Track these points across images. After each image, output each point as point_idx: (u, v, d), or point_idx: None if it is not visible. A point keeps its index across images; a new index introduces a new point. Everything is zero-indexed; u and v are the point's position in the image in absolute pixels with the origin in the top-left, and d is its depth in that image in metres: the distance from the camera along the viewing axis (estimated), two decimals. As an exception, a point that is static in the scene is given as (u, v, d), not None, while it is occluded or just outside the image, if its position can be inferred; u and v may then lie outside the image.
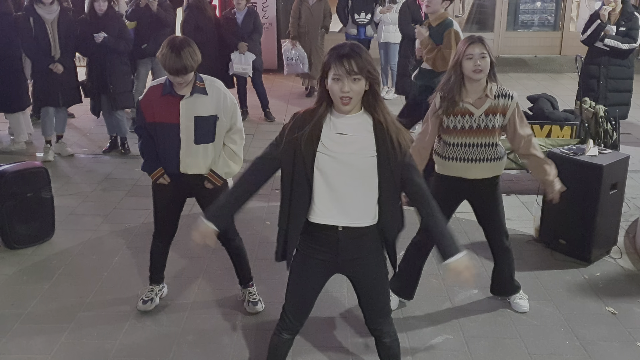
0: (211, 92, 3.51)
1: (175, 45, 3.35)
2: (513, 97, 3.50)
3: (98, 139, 7.47)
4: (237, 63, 8.07)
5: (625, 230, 5.06)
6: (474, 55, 3.38)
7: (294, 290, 2.82)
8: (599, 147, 4.82)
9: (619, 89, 6.71)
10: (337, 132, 2.51)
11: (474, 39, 3.43)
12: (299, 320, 2.84)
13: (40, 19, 6.31)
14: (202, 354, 3.55)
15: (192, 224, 3.76)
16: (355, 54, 2.40)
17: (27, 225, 4.74)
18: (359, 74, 2.40)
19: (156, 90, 3.54)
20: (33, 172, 4.82)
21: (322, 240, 2.65)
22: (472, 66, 3.39)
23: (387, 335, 2.90)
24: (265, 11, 11.16)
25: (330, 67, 2.42)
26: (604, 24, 6.49)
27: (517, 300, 3.95)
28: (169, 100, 3.48)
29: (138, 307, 3.91)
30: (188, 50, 3.36)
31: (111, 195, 5.85)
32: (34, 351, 3.55)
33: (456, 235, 2.72)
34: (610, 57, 6.61)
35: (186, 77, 3.41)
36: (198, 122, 3.49)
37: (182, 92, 3.48)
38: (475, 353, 3.57)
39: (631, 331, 3.79)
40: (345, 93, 2.41)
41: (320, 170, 2.53)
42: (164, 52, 3.37)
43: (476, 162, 3.55)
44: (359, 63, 2.39)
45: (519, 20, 12.46)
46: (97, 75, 6.66)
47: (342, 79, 2.40)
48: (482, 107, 3.48)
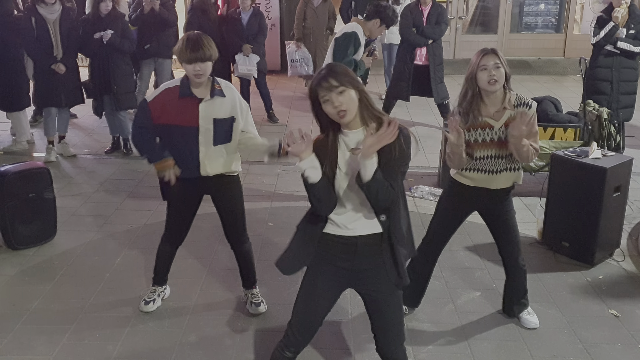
0: (228, 94, 3.51)
1: (192, 36, 3.41)
2: (532, 106, 3.43)
3: (101, 139, 7.47)
4: (241, 65, 8.07)
5: (628, 233, 5.04)
6: (487, 66, 3.33)
7: (304, 304, 2.76)
8: (603, 150, 4.81)
9: (628, 92, 6.69)
10: (349, 148, 2.57)
11: (487, 51, 3.38)
12: (304, 337, 2.78)
13: (42, 19, 6.32)
14: (204, 355, 3.55)
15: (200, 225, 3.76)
16: (329, 71, 2.50)
17: (29, 226, 4.74)
18: (341, 85, 2.46)
19: (172, 93, 3.47)
20: (35, 173, 4.82)
21: (338, 249, 2.66)
22: (487, 77, 3.33)
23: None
24: (269, 12, 11.16)
25: (317, 94, 2.49)
26: (617, 26, 6.45)
27: (526, 315, 3.87)
28: (187, 103, 3.43)
29: (140, 308, 3.91)
30: (206, 40, 3.39)
31: (113, 196, 5.85)
32: (36, 352, 3.55)
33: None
34: (622, 60, 6.57)
35: (204, 67, 3.36)
36: (217, 125, 3.47)
37: (201, 94, 3.45)
38: (477, 355, 3.56)
39: (634, 334, 3.77)
40: (338, 107, 2.47)
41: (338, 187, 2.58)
42: (180, 45, 3.36)
43: (498, 173, 3.51)
44: (336, 77, 2.47)
45: (522, 22, 12.45)
46: (99, 75, 6.67)
47: (330, 97, 2.47)
48: (502, 119, 3.43)
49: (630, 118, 6.86)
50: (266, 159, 3.66)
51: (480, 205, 3.69)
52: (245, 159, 6.63)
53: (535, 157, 3.48)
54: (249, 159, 5.40)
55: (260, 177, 6.26)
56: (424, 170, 6.45)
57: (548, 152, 5.45)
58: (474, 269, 4.52)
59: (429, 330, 3.80)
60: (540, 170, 5.65)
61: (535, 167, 5.66)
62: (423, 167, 6.52)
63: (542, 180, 5.23)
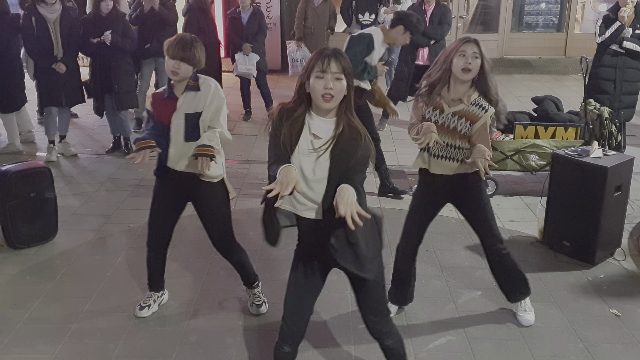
0: (203, 89, 3.49)
1: (187, 36, 3.46)
2: (487, 110, 3.37)
3: (101, 139, 7.48)
4: (241, 64, 8.07)
5: (629, 232, 5.04)
6: (466, 54, 3.31)
7: (291, 293, 2.81)
8: (604, 149, 4.81)
9: (631, 92, 6.68)
10: (311, 131, 2.59)
11: (469, 39, 3.37)
12: (297, 326, 2.80)
13: (43, 19, 6.32)
14: (205, 354, 3.55)
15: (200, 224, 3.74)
16: (336, 54, 2.52)
17: (30, 225, 4.75)
18: (341, 73, 2.49)
19: (158, 96, 3.58)
20: (36, 172, 4.82)
21: (309, 230, 2.69)
22: (462, 64, 3.31)
23: (388, 337, 2.89)
24: (269, 11, 11.16)
25: (314, 66, 2.50)
26: (623, 26, 6.43)
27: (522, 313, 3.87)
28: (169, 102, 3.49)
29: (135, 313, 3.88)
30: (199, 47, 3.43)
31: (114, 195, 5.85)
32: (37, 351, 3.55)
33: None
34: (626, 60, 6.55)
35: (183, 68, 3.38)
36: (188, 119, 3.45)
37: (178, 93, 3.49)
38: (478, 355, 3.56)
39: (635, 333, 3.77)
40: (328, 90, 2.49)
41: (296, 162, 2.57)
42: (173, 40, 3.41)
43: (446, 160, 3.48)
44: (342, 62, 2.50)
45: (523, 21, 12.45)
46: (100, 75, 6.68)
47: (326, 77, 2.49)
48: (453, 108, 3.42)
49: (631, 118, 6.85)
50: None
51: (449, 194, 3.64)
52: (247, 159, 6.68)
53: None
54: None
55: (260, 177, 6.26)
56: (415, 169, 6.42)
57: (549, 152, 5.45)
58: (474, 268, 4.52)
59: (430, 329, 3.80)
60: (541, 169, 5.65)
61: (536, 167, 5.66)
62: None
63: (542, 180, 5.23)
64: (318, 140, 2.58)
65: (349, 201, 2.35)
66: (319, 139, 2.57)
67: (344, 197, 2.37)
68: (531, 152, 5.61)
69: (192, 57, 3.37)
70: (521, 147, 5.62)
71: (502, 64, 11.64)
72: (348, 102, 2.57)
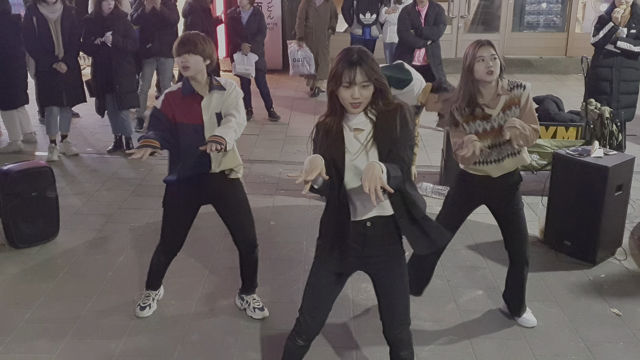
0: (228, 87, 3.49)
1: (188, 33, 3.45)
2: (526, 87, 3.47)
3: (103, 138, 7.48)
4: (239, 64, 8.08)
5: (630, 232, 5.04)
6: (484, 57, 3.35)
7: (313, 288, 2.78)
8: (605, 149, 4.81)
9: (629, 92, 6.68)
10: (352, 129, 2.58)
11: (483, 42, 3.40)
12: (315, 322, 2.80)
13: (44, 18, 6.33)
14: (207, 354, 3.56)
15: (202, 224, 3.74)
16: (363, 63, 2.46)
17: (32, 225, 4.76)
18: (368, 81, 2.47)
19: (175, 94, 3.46)
20: (38, 172, 4.83)
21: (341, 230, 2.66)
22: (484, 68, 3.35)
23: (407, 347, 2.87)
24: (271, 11, 11.16)
25: (341, 76, 2.46)
26: (616, 26, 6.43)
27: (524, 314, 3.86)
28: (191, 101, 3.43)
29: (136, 314, 3.87)
30: (202, 38, 3.41)
31: (116, 195, 5.86)
32: (38, 350, 3.56)
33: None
34: (622, 60, 6.55)
35: (192, 60, 3.34)
36: (219, 118, 3.44)
37: (201, 92, 3.44)
38: (479, 354, 3.57)
39: (636, 332, 3.77)
40: (356, 100, 2.48)
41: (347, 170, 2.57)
42: (177, 41, 3.40)
43: (502, 160, 3.51)
44: (366, 71, 2.46)
45: (524, 21, 12.44)
46: (102, 74, 6.69)
47: (352, 86, 2.47)
48: (499, 106, 3.44)
49: (632, 118, 6.85)
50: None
51: (488, 196, 3.65)
52: (248, 158, 6.68)
53: (536, 138, 3.45)
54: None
55: (262, 176, 6.27)
56: (426, 169, 6.45)
57: (550, 151, 5.45)
58: (476, 267, 4.52)
59: (431, 329, 3.80)
60: (542, 169, 5.65)
61: (537, 166, 5.66)
62: (425, 166, 6.53)
63: (544, 179, 5.23)
64: (361, 134, 2.57)
65: (373, 176, 2.28)
66: (361, 131, 2.57)
67: (369, 172, 2.29)
68: (532, 151, 5.62)
69: (195, 47, 3.34)
70: (522, 146, 5.62)
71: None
72: (378, 93, 2.54)
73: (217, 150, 3.23)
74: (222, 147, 3.23)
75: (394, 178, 2.38)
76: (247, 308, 3.92)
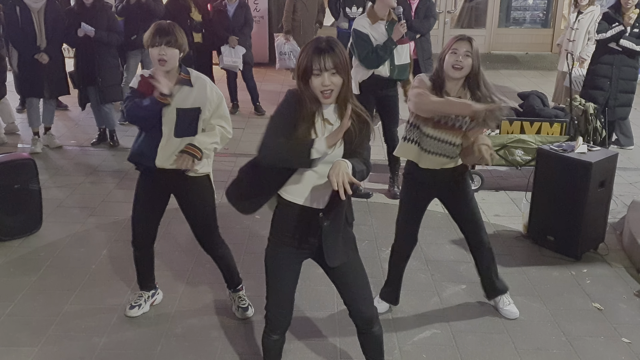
0: (196, 85, 3.41)
1: (163, 24, 3.36)
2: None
3: (87, 131, 7.43)
4: (227, 56, 8.04)
5: (612, 227, 5.09)
6: (458, 51, 3.30)
7: (274, 286, 2.81)
8: (588, 144, 4.85)
9: (627, 90, 6.71)
10: (324, 117, 2.61)
11: (463, 37, 3.36)
12: (283, 315, 2.84)
13: (27, 8, 6.26)
14: (190, 347, 3.55)
15: (181, 218, 3.73)
16: (332, 50, 2.49)
17: (15, 217, 4.71)
18: (334, 68, 2.49)
19: (148, 82, 3.40)
20: (20, 164, 4.79)
21: (300, 224, 2.69)
22: (453, 61, 3.30)
23: (377, 322, 2.91)
24: (257, 4, 11.13)
25: (312, 63, 2.48)
26: (625, 29, 6.44)
27: (507, 307, 3.90)
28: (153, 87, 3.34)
29: (125, 313, 3.82)
30: (178, 29, 3.35)
31: (99, 187, 5.82)
32: (21, 344, 3.53)
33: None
34: (624, 58, 6.58)
35: (170, 53, 3.28)
36: (180, 114, 3.36)
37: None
38: (462, 348, 3.59)
39: (617, 327, 3.81)
40: (327, 87, 2.50)
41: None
42: (150, 30, 3.32)
43: (428, 153, 3.47)
44: (333, 59, 2.48)
45: (510, 17, 12.51)
46: (84, 67, 6.62)
47: (323, 73, 2.48)
48: None
49: (626, 117, 6.90)
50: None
51: (435, 189, 3.65)
52: (233, 152, 6.66)
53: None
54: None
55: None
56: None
57: (534, 147, 5.49)
58: (459, 262, 4.55)
59: (414, 322, 3.82)
60: (526, 164, 5.68)
61: (521, 162, 5.70)
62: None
63: (527, 175, 5.26)
64: (329, 126, 2.60)
65: (341, 171, 2.38)
66: (330, 124, 2.60)
67: (336, 168, 2.39)
68: (517, 147, 5.65)
69: (175, 40, 3.29)
70: (507, 142, 5.66)
71: (489, 60, 11.68)
72: (347, 87, 2.57)
73: (186, 168, 3.28)
74: (192, 163, 3.30)
75: (359, 172, 2.51)
76: (232, 304, 3.91)
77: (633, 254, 4.61)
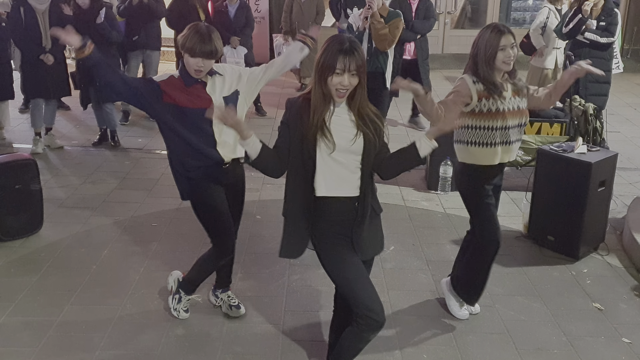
0: (224, 72, 3.44)
1: (202, 29, 3.28)
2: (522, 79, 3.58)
3: (88, 131, 7.43)
4: (229, 57, 8.03)
5: (612, 227, 5.09)
6: (506, 47, 3.36)
7: (357, 282, 2.71)
8: (588, 145, 4.85)
9: (598, 80, 6.82)
10: (335, 115, 2.66)
11: (504, 31, 3.38)
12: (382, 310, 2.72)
13: (31, 9, 6.28)
14: (191, 348, 3.55)
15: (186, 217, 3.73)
16: (356, 52, 2.55)
17: (16, 218, 4.72)
18: (357, 70, 2.56)
19: (179, 81, 3.37)
20: (22, 164, 4.79)
21: (340, 212, 2.74)
22: (504, 57, 3.38)
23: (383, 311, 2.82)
24: (258, 4, 11.13)
25: (335, 63, 2.52)
26: (585, 18, 6.64)
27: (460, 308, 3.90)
28: (196, 89, 3.35)
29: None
30: (216, 35, 3.32)
31: (100, 188, 5.83)
32: (21, 344, 3.53)
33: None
34: (591, 50, 6.76)
35: (207, 65, 3.28)
36: (226, 101, 3.37)
37: (204, 78, 3.36)
38: (463, 348, 3.59)
39: (617, 327, 3.82)
40: (345, 87, 2.57)
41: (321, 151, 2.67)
42: (191, 36, 3.23)
43: (509, 144, 3.54)
44: (357, 61, 2.55)
45: (510, 17, 12.50)
46: (85, 67, 6.61)
47: (343, 74, 2.54)
48: (510, 90, 3.50)
49: (604, 106, 6.93)
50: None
51: (493, 183, 3.72)
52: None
53: None
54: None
55: (247, 170, 6.24)
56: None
57: (534, 147, 5.49)
58: (460, 262, 4.54)
59: (415, 322, 3.82)
60: (526, 164, 5.69)
61: (522, 162, 5.70)
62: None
63: (528, 175, 5.26)
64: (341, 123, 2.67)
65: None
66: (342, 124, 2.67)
67: None
68: (517, 147, 5.66)
69: (215, 51, 3.26)
70: (507, 142, 5.66)
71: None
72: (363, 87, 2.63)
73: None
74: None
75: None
76: (222, 305, 3.87)
77: (633, 254, 4.61)
